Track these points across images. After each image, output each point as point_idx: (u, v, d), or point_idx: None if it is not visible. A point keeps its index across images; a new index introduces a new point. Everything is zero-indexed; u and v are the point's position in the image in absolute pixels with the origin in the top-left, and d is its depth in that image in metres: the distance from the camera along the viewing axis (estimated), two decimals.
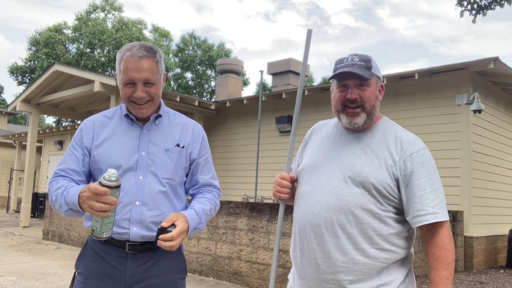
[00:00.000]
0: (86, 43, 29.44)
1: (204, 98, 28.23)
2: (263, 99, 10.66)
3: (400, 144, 1.66)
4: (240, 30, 75.56)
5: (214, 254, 6.49)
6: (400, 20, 74.17)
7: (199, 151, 1.93)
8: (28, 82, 29.89)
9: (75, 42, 30.39)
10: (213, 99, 23.48)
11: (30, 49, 30.33)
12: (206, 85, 34.46)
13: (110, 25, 30.84)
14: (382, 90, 1.77)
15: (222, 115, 12.15)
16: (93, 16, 31.34)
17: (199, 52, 33.61)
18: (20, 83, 30.95)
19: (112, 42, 29.12)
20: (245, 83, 34.35)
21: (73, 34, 30.49)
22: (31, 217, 14.58)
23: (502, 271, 7.92)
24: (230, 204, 6.39)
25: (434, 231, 1.60)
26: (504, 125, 9.48)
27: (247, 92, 37.24)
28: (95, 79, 10.00)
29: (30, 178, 12.58)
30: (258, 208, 6.07)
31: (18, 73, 30.46)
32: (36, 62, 29.85)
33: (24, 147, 18.26)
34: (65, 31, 30.64)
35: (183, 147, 1.87)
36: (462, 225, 7.88)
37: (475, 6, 6.58)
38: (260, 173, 10.23)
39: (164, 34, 33.80)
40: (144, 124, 1.86)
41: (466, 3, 6.60)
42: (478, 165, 8.32)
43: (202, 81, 34.15)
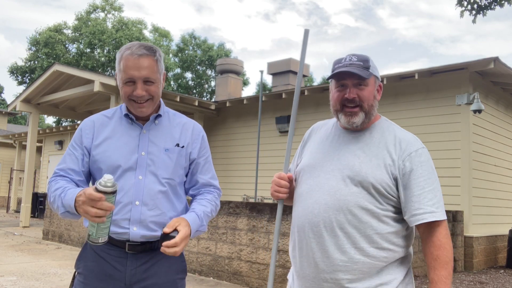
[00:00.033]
0: (86, 43, 29.44)
1: (204, 98, 28.23)
2: (263, 99, 10.66)
3: (399, 143, 1.67)
4: (240, 30, 75.64)
5: (214, 254, 6.49)
6: (400, 20, 74.23)
7: (199, 151, 1.93)
8: (28, 82, 29.89)
9: (75, 42, 30.40)
10: (213, 99, 23.47)
11: (30, 49, 30.34)
12: (206, 85, 34.46)
13: (110, 25, 30.84)
14: (380, 90, 1.77)
15: (222, 115, 12.15)
16: (93, 16, 31.35)
17: (199, 52, 33.61)
18: (20, 83, 30.96)
19: (112, 42, 29.12)
20: (245, 83, 34.35)
21: (73, 34, 30.49)
22: (31, 217, 14.59)
23: (502, 271, 7.92)
24: (230, 204, 6.39)
25: (432, 230, 1.61)
26: (504, 125, 9.48)
27: (247, 92, 37.29)
28: (95, 79, 10.01)
29: (30, 178, 12.58)
30: (258, 208, 6.07)
31: (18, 73, 30.47)
32: (36, 62, 29.85)
33: (24, 147, 18.26)
34: (65, 31, 30.64)
35: (183, 147, 1.87)
36: (462, 225, 7.88)
37: (475, 6, 6.59)
38: (260, 173, 10.23)
39: (164, 34, 33.80)
40: (144, 123, 1.86)
41: (466, 3, 6.60)
42: (478, 165, 8.32)
43: (202, 81, 34.14)
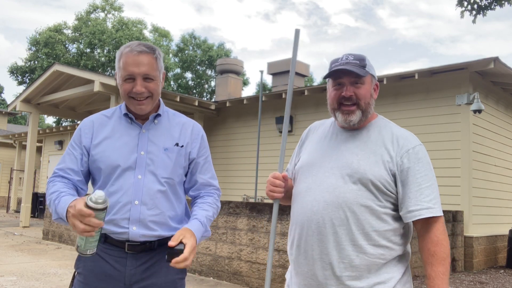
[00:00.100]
0: (86, 43, 29.44)
1: (204, 98, 28.22)
2: (263, 99, 10.66)
3: (396, 140, 1.68)
4: (240, 30, 75.63)
5: (214, 254, 6.49)
6: (400, 20, 74.23)
7: (198, 151, 1.92)
8: (28, 82, 29.89)
9: (75, 42, 30.39)
10: (213, 99, 23.48)
11: (30, 49, 30.33)
12: (206, 85, 34.46)
13: (110, 25, 30.83)
14: (377, 88, 1.78)
15: (222, 115, 12.15)
16: (93, 16, 31.35)
17: (199, 52, 33.60)
18: (20, 83, 30.96)
19: (112, 42, 29.11)
20: (245, 83, 34.35)
21: (73, 34, 30.49)
22: (31, 217, 14.59)
23: (502, 271, 7.92)
24: (230, 204, 6.39)
25: (429, 227, 1.61)
26: (504, 125, 9.48)
27: (247, 92, 37.26)
28: (95, 79, 10.01)
29: (30, 178, 12.58)
30: (258, 208, 6.07)
31: (18, 73, 30.46)
32: (36, 62, 29.84)
33: (24, 147, 18.27)
34: (65, 31, 30.62)
35: (182, 147, 1.87)
36: (462, 225, 7.88)
37: (475, 6, 6.58)
38: (260, 173, 10.23)
39: (164, 34, 33.79)
40: (143, 123, 1.86)
41: (466, 3, 6.60)
42: (478, 165, 8.32)
43: (202, 81, 34.14)
